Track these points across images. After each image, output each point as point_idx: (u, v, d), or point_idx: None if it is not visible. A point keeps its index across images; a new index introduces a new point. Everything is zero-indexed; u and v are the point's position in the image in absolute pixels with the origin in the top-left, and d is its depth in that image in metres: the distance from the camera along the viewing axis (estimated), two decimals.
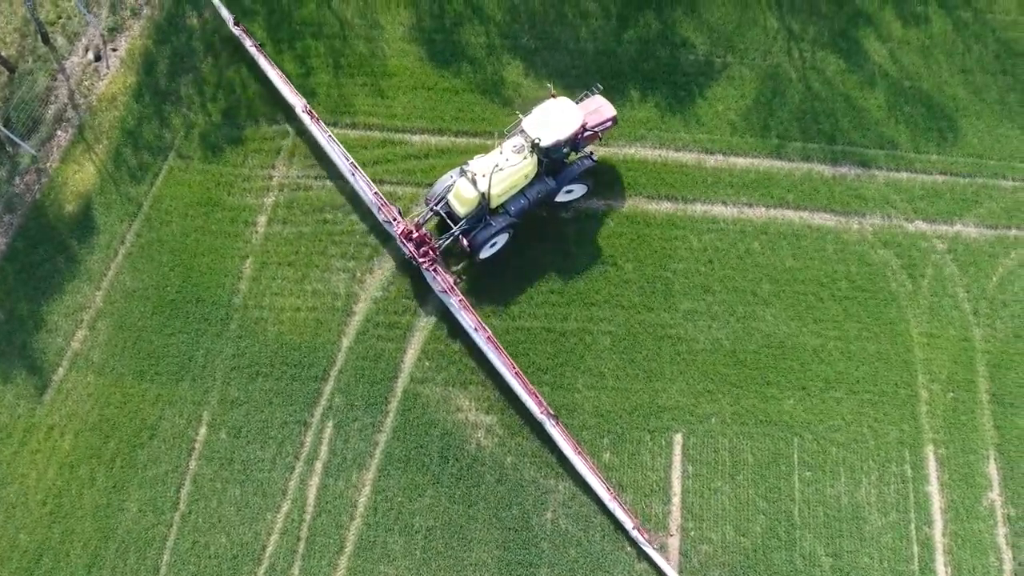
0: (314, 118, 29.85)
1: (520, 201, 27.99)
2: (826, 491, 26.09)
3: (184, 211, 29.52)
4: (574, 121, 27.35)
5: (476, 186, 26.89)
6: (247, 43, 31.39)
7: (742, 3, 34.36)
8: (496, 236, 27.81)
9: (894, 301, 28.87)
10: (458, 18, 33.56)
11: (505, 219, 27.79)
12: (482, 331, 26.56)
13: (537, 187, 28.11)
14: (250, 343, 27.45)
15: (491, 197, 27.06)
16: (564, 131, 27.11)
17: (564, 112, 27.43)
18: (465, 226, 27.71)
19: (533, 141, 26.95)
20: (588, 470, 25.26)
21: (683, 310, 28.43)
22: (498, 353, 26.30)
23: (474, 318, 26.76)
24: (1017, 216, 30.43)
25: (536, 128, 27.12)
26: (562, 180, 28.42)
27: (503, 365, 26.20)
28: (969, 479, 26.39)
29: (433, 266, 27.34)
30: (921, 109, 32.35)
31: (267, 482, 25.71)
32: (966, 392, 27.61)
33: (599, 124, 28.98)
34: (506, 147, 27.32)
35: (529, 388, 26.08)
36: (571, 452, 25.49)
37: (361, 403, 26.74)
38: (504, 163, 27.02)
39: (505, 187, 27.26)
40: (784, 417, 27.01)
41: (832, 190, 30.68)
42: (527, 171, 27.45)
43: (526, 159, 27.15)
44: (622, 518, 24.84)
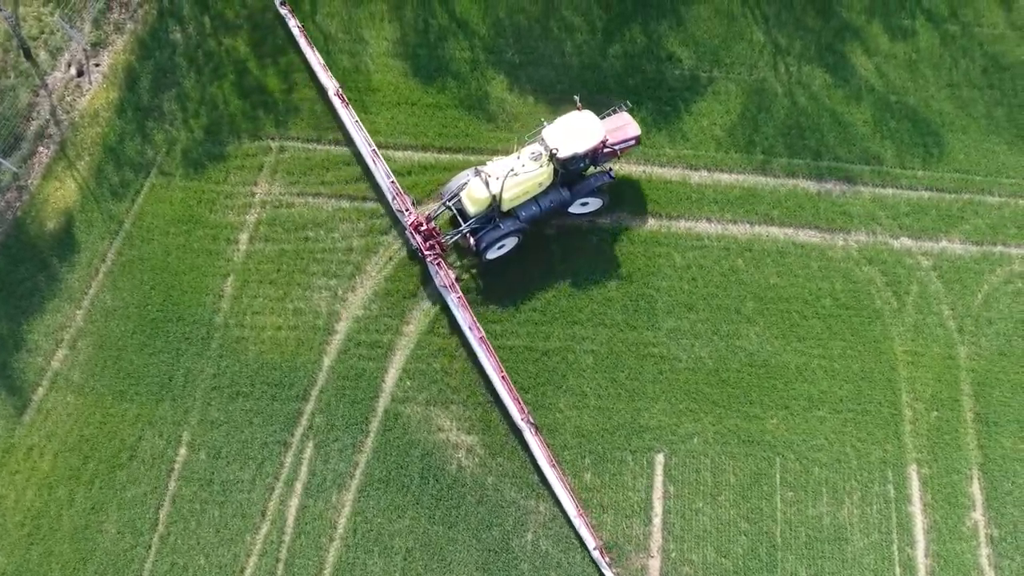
0: (344, 102, 30.47)
1: (532, 208, 28.27)
2: (808, 512, 26.17)
3: (165, 229, 29.62)
4: (595, 136, 27.59)
5: (489, 187, 27.20)
6: (291, 23, 32.34)
7: (728, 17, 34.49)
8: (504, 239, 28.09)
9: (878, 319, 28.96)
10: (443, 33, 33.68)
11: (514, 223, 28.04)
12: (476, 331, 26.90)
13: (551, 196, 28.37)
14: (231, 362, 27.54)
15: (502, 200, 27.44)
16: (583, 144, 27.37)
17: (586, 125, 27.70)
18: (474, 225, 28.04)
19: (551, 150, 27.15)
20: (560, 484, 25.45)
21: (666, 328, 28.52)
22: (488, 355, 26.62)
23: (470, 316, 27.11)
24: (1003, 232, 30.53)
25: (556, 138, 27.43)
26: (577, 193, 28.62)
27: (491, 367, 26.50)
28: (952, 499, 26.47)
29: (438, 260, 27.79)
30: (907, 124, 32.47)
31: (246, 503, 25.79)
32: (950, 411, 27.70)
33: (621, 142, 29.02)
34: (524, 153, 27.69)
35: (514, 394, 26.36)
36: (546, 464, 25.66)
37: (342, 423, 26.82)
38: (520, 168, 27.37)
39: (517, 192, 27.55)
40: (767, 437, 27.09)
41: (817, 207, 30.79)
42: (542, 179, 27.74)
43: (542, 167, 27.50)
44: (586, 536, 24.99)
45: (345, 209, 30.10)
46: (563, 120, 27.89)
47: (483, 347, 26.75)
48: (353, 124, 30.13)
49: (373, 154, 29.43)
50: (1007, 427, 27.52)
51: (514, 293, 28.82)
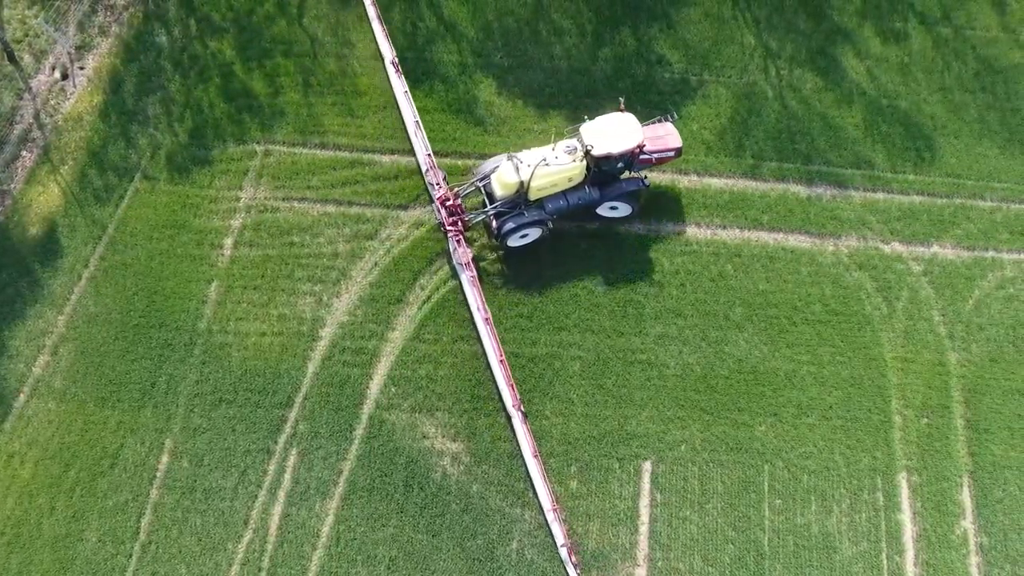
0: (398, 71, 30.88)
1: (559, 201, 28.39)
2: (796, 520, 26.13)
3: (149, 233, 29.61)
4: (632, 139, 27.68)
5: (519, 173, 27.38)
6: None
7: (719, 20, 34.54)
8: (526, 228, 28.20)
9: (868, 325, 28.95)
10: (431, 36, 33.73)
11: (539, 214, 28.17)
12: (483, 311, 27.15)
13: (579, 193, 28.49)
14: (214, 369, 27.51)
15: (530, 188, 27.62)
16: (618, 146, 27.50)
17: (625, 128, 27.80)
18: (500, 208, 28.17)
19: (586, 147, 27.24)
20: (540, 476, 25.40)
21: (654, 334, 28.50)
22: (491, 337, 26.83)
23: (479, 296, 27.37)
24: (995, 237, 30.53)
25: (593, 135, 27.60)
26: (606, 195, 28.68)
27: (492, 349, 26.73)
28: (942, 507, 26.44)
29: (458, 236, 28.06)
30: (898, 128, 32.50)
31: (229, 511, 25.74)
32: (940, 418, 27.67)
33: (659, 151, 28.97)
34: (559, 146, 27.82)
35: (510, 379, 26.48)
36: (529, 454, 25.73)
37: (326, 430, 26.79)
38: (552, 160, 27.52)
39: (545, 183, 27.70)
40: (755, 444, 27.06)
41: (807, 211, 30.79)
42: (572, 174, 27.83)
43: (575, 163, 27.57)
44: (556, 533, 24.95)
45: (331, 214, 30.10)
46: (603, 119, 28.10)
47: (488, 328, 26.99)
48: (403, 94, 30.71)
49: (416, 126, 30.02)
50: (998, 434, 27.48)
51: (501, 299, 28.73)
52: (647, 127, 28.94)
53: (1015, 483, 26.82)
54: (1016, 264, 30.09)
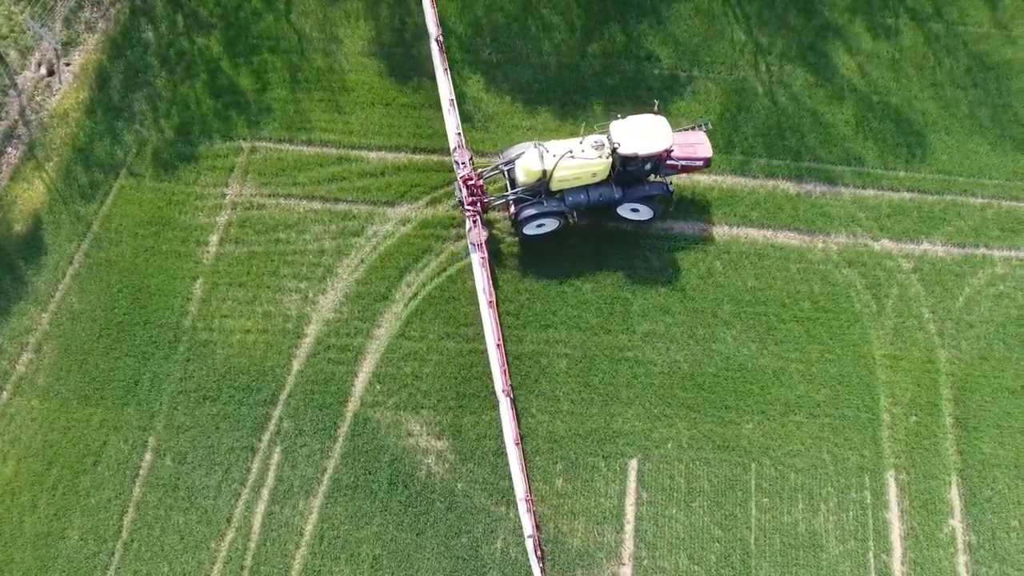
0: (441, 49, 30.92)
1: (580, 196, 28.43)
2: (783, 518, 26.07)
3: (134, 230, 29.56)
4: (661, 143, 27.61)
5: (543, 162, 27.44)
6: None
7: (709, 16, 34.47)
8: (544, 218, 28.31)
9: (857, 322, 28.88)
10: (419, 31, 33.64)
11: (558, 205, 28.22)
12: (488, 294, 27.16)
13: (601, 190, 28.51)
14: (198, 366, 27.46)
15: (552, 178, 27.70)
16: (646, 147, 27.49)
17: (656, 130, 27.78)
18: (520, 195, 28.28)
19: (613, 144, 27.26)
20: (518, 465, 25.30)
21: (641, 332, 28.44)
22: (492, 319, 26.82)
23: (487, 279, 27.40)
24: (985, 234, 30.46)
25: (622, 134, 27.61)
26: (628, 195, 28.66)
27: (490, 332, 26.70)
28: (930, 505, 26.38)
29: (475, 216, 28.13)
30: (889, 124, 32.42)
31: (212, 509, 25.70)
32: (929, 416, 27.62)
33: (687, 158, 28.81)
34: (587, 140, 27.84)
35: (503, 365, 26.43)
36: (510, 440, 25.64)
37: (310, 428, 26.74)
38: (579, 153, 27.58)
39: (568, 175, 27.76)
40: (742, 442, 27.00)
41: (797, 208, 30.72)
42: (596, 169, 27.86)
43: (600, 159, 27.56)
44: (525, 523, 24.84)
45: (317, 211, 30.05)
46: (635, 119, 28.09)
47: (490, 311, 26.97)
48: (442, 72, 30.73)
49: (450, 104, 30.10)
50: (987, 432, 27.42)
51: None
52: (679, 133, 28.92)
53: (1004, 481, 26.76)
54: (1007, 261, 30.01)
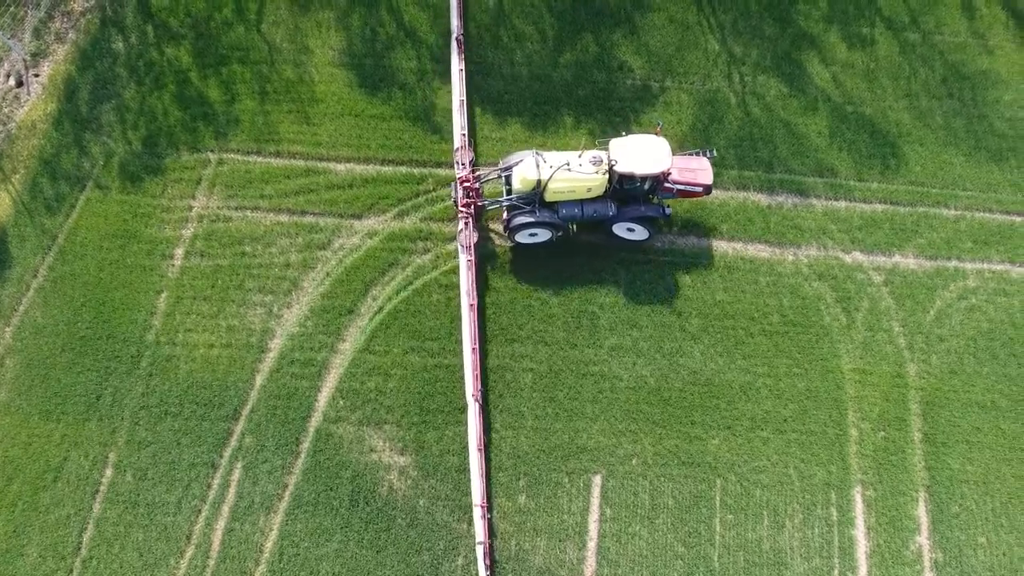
0: (460, 48, 31.57)
1: (574, 209, 28.45)
2: (748, 535, 26.03)
3: (100, 243, 29.59)
4: (658, 165, 27.51)
5: (539, 171, 27.50)
6: None
7: (683, 25, 34.42)
8: (535, 228, 28.41)
9: (827, 336, 28.83)
10: (390, 42, 33.65)
11: (551, 216, 28.25)
12: (471, 297, 27.33)
13: (596, 206, 28.48)
14: (160, 381, 27.49)
15: (546, 189, 27.70)
16: (642, 168, 27.42)
17: (656, 152, 27.67)
18: (514, 202, 28.35)
19: (611, 161, 27.28)
20: (478, 471, 25.41)
21: (608, 346, 28.41)
22: (471, 323, 26.98)
23: (471, 282, 27.59)
24: (958, 247, 30.40)
25: (620, 152, 27.61)
26: (623, 214, 28.63)
27: (467, 335, 26.87)
28: (896, 522, 26.33)
29: (467, 218, 28.24)
30: (863, 135, 32.37)
31: (172, 526, 25.72)
32: (897, 431, 27.58)
33: (685, 183, 28.58)
34: (586, 155, 27.85)
35: (477, 369, 26.59)
36: (473, 446, 25.73)
37: (272, 444, 26.76)
38: (575, 166, 27.61)
39: (563, 187, 27.78)
40: (708, 458, 26.96)
41: (767, 220, 30.67)
42: (592, 185, 27.85)
43: (597, 174, 27.55)
44: (477, 529, 24.93)
45: (283, 223, 30.07)
46: (636, 138, 28.04)
47: (470, 314, 27.05)
48: (457, 72, 31.14)
49: (460, 105, 30.41)
50: (955, 447, 27.37)
51: (454, 309, 28.68)
52: (681, 157, 28.80)
53: (972, 498, 26.71)
54: (979, 274, 29.95)
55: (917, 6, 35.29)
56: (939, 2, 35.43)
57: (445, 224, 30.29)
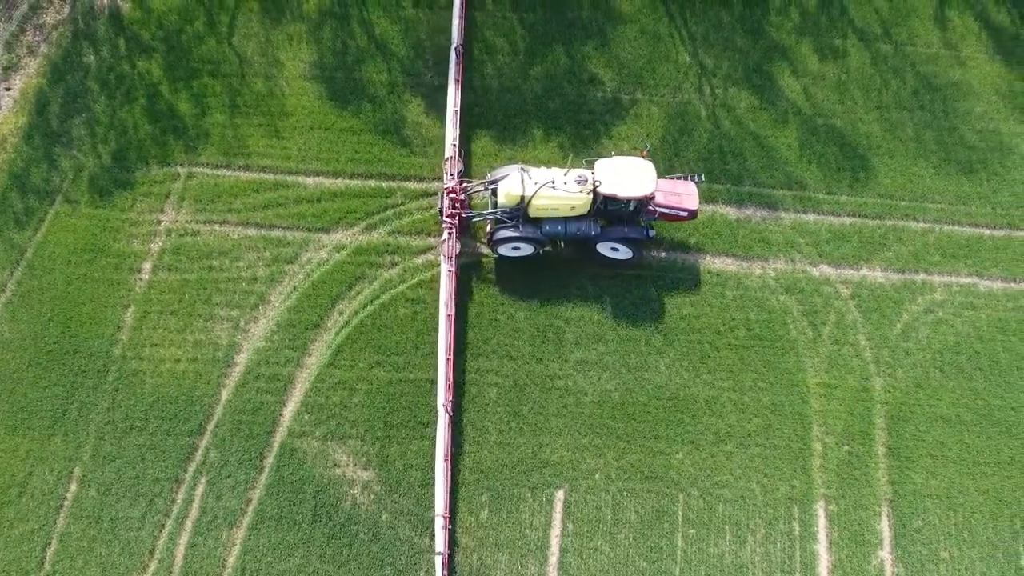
0: (459, 58, 31.88)
1: (558, 226, 28.78)
2: (710, 550, 26.31)
3: (68, 258, 29.92)
4: (642, 188, 27.82)
5: (523, 187, 27.85)
6: None
7: (655, 38, 34.72)
8: (518, 242, 28.77)
9: (792, 350, 29.10)
10: (361, 55, 33.99)
11: (533, 232, 28.60)
12: (449, 308, 27.65)
13: (580, 224, 28.81)
14: (126, 396, 27.81)
15: (530, 205, 28.03)
16: (626, 190, 27.74)
17: (640, 175, 27.97)
18: (498, 215, 28.76)
19: (595, 182, 27.56)
20: (442, 481, 25.67)
21: (573, 360, 28.70)
22: (447, 332, 27.31)
23: (450, 292, 27.92)
24: (926, 260, 30.67)
25: (605, 173, 27.96)
26: (606, 234, 28.92)
27: (442, 344, 27.22)
28: (859, 537, 26.58)
29: (451, 228, 28.62)
30: (833, 148, 32.66)
31: (135, 541, 26.04)
32: (862, 445, 27.84)
33: (669, 207, 28.81)
34: (573, 173, 28.23)
35: (449, 379, 26.93)
36: (440, 456, 26.01)
37: (236, 458, 27.06)
38: (560, 184, 27.96)
39: (546, 204, 28.13)
40: (671, 472, 27.24)
41: (735, 233, 30.95)
42: (576, 203, 28.18)
43: (581, 193, 27.90)
44: (437, 540, 25.20)
45: (251, 237, 30.38)
46: (623, 160, 28.35)
47: (446, 323, 27.44)
48: (453, 80, 31.42)
49: (454, 115, 30.76)
50: (919, 462, 27.64)
51: (419, 324, 28.97)
52: (668, 181, 29.07)
53: (935, 512, 26.96)
54: (946, 287, 30.21)
55: (890, 17, 35.57)
56: (912, 13, 35.70)
57: (413, 238, 30.58)
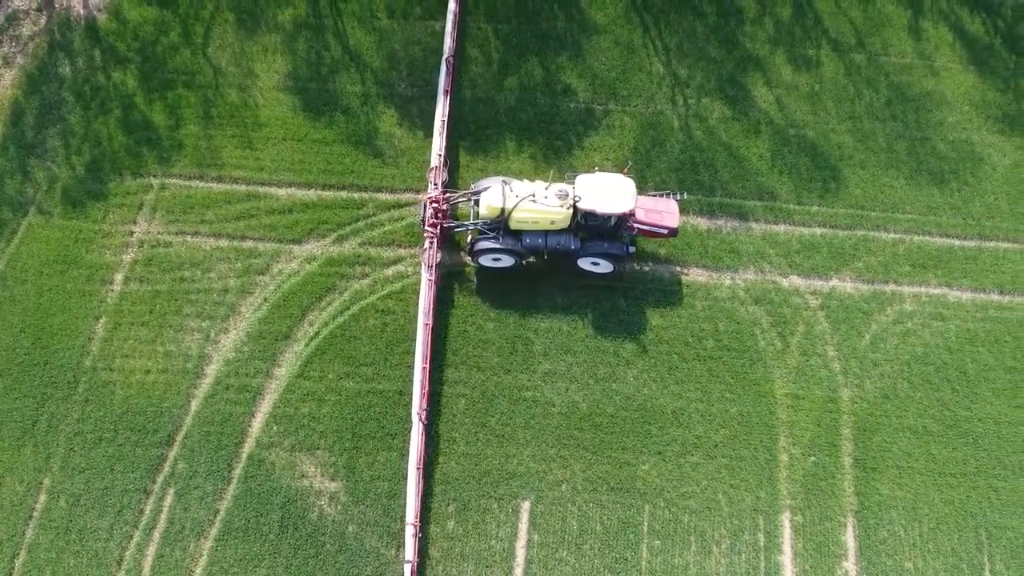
0: (449, 69, 32.53)
1: (538, 240, 29.23)
2: (674, 561, 26.65)
3: (40, 269, 30.32)
4: (621, 205, 28.23)
5: (504, 200, 28.34)
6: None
7: (629, 48, 35.13)
8: (499, 254, 29.21)
9: (761, 361, 29.46)
10: (335, 66, 34.40)
11: (513, 244, 29.06)
12: (427, 317, 28.12)
13: (559, 238, 29.25)
14: (96, 407, 28.20)
15: (510, 217, 28.50)
16: (605, 206, 28.16)
17: (620, 192, 28.37)
18: (479, 226, 29.28)
19: (575, 197, 27.95)
20: (414, 489, 26.05)
21: (542, 371, 29.07)
22: (424, 342, 27.76)
23: (429, 301, 28.38)
24: (895, 270, 31.02)
25: (585, 188, 28.38)
26: (586, 248, 29.31)
27: (419, 354, 27.63)
28: (823, 548, 26.93)
29: (432, 238, 29.04)
30: (804, 159, 33.03)
31: (103, 551, 26.40)
32: (828, 456, 28.18)
33: (649, 224, 29.21)
34: (554, 187, 28.68)
35: (425, 388, 27.41)
36: (413, 464, 26.39)
37: (204, 469, 27.43)
38: (541, 198, 28.44)
39: (526, 218, 28.62)
40: (637, 483, 27.60)
41: (706, 244, 31.32)
42: (556, 218, 28.65)
43: (561, 208, 28.31)
44: (407, 548, 25.55)
45: (223, 248, 30.77)
46: (603, 176, 28.79)
47: (424, 333, 27.87)
48: (442, 91, 31.91)
49: (441, 125, 31.19)
50: (886, 472, 27.98)
51: (388, 335, 29.35)
52: (649, 198, 29.53)
53: (900, 523, 27.32)
54: (915, 298, 30.57)
55: (864, 27, 35.98)
56: (886, 23, 36.10)
57: (384, 249, 30.97)
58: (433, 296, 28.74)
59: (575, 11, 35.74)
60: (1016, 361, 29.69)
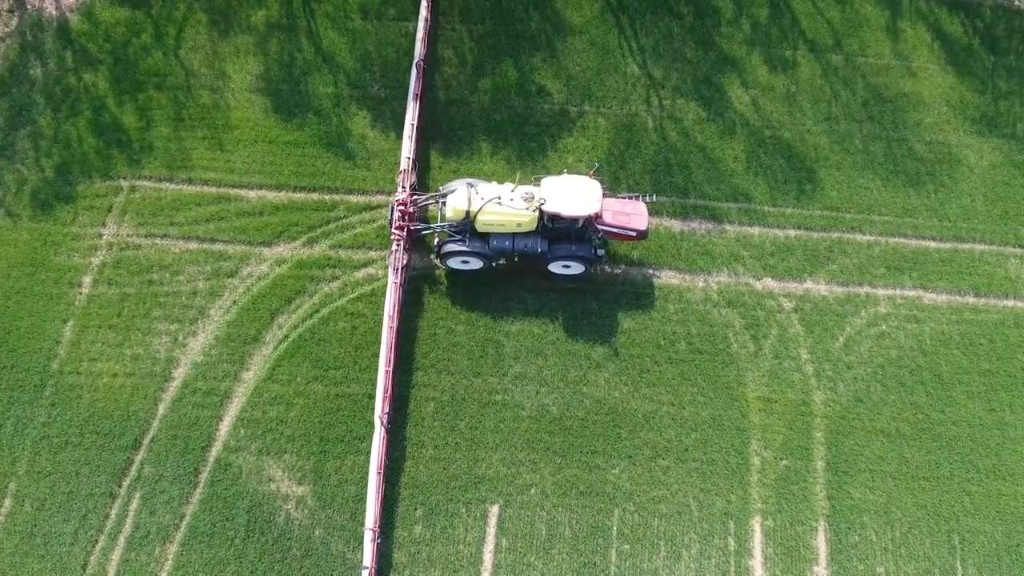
0: (419, 73, 32.68)
1: (505, 242, 29.48)
2: (644, 565, 26.90)
3: (8, 272, 30.57)
4: (586, 208, 28.45)
5: (469, 202, 28.60)
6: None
7: (604, 49, 35.44)
8: (467, 256, 29.51)
9: (733, 364, 29.73)
10: (307, 67, 34.69)
11: (480, 247, 29.30)
12: (393, 320, 28.36)
13: (526, 241, 29.51)
14: (62, 411, 28.44)
15: (475, 220, 28.75)
16: (569, 209, 28.39)
17: (585, 194, 28.58)
18: (445, 229, 29.59)
19: (540, 199, 28.19)
20: (375, 494, 26.24)
21: (512, 375, 29.33)
22: (390, 344, 27.99)
23: (395, 303, 28.60)
24: (870, 272, 31.31)
25: (550, 191, 28.65)
26: (553, 251, 29.56)
27: (383, 356, 27.82)
28: (794, 552, 27.18)
29: (400, 240, 29.33)
30: (780, 160, 33.33)
31: (67, 556, 26.63)
32: (800, 460, 28.44)
33: (616, 226, 29.33)
34: (520, 190, 28.93)
35: (389, 391, 27.64)
36: (373, 468, 26.58)
37: (170, 473, 27.68)
38: (507, 201, 28.68)
39: (492, 220, 28.84)
40: (607, 488, 27.85)
41: (679, 247, 31.61)
42: (521, 220, 28.90)
43: (527, 210, 28.60)
44: (365, 553, 25.72)
45: (192, 251, 31.04)
46: (569, 178, 28.98)
47: (389, 335, 28.08)
48: (412, 95, 32.21)
49: (411, 128, 31.40)
50: (858, 476, 28.24)
51: (359, 338, 29.62)
52: (616, 199, 29.67)
53: (872, 527, 27.56)
54: (890, 300, 30.85)
55: (842, 28, 36.31)
56: (864, 24, 36.44)
57: (354, 251, 31.24)
58: (399, 299, 28.98)
59: (550, 12, 36.06)
60: (990, 364, 29.97)
